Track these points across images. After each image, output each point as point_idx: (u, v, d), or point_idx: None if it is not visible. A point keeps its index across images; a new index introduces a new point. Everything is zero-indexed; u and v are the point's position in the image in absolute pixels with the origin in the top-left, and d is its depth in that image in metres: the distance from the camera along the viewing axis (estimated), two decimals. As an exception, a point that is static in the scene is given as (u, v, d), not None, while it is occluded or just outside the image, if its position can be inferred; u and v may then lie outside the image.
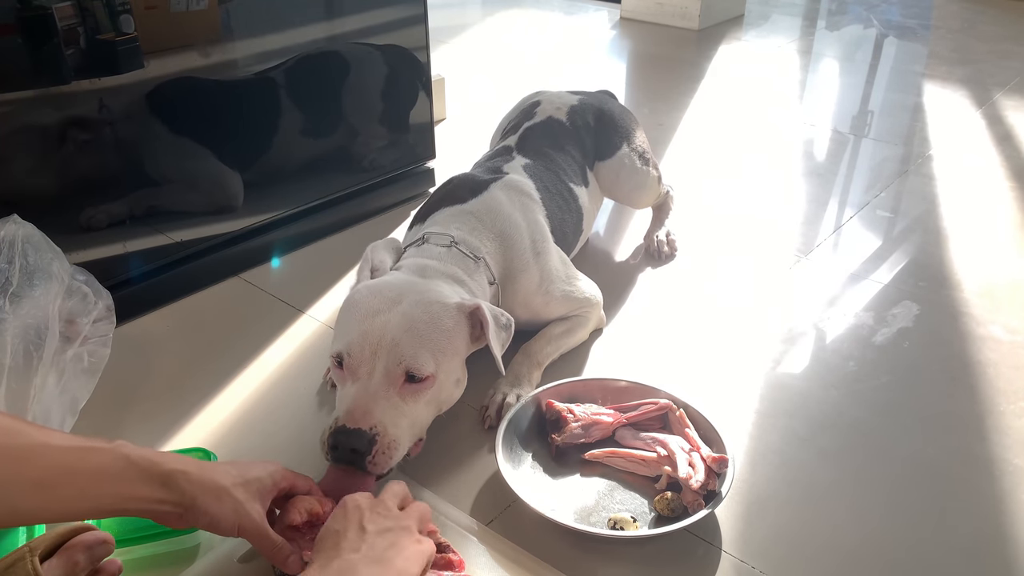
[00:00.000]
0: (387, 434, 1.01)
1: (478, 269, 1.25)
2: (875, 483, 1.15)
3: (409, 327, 1.06)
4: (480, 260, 1.26)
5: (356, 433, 0.99)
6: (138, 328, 1.47)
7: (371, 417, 1.01)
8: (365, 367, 1.04)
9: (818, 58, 3.13)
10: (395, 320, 1.06)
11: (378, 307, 1.08)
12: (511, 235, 1.33)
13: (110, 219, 1.44)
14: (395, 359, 1.04)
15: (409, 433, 1.05)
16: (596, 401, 1.24)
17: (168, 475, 0.80)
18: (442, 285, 1.16)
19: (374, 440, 1.00)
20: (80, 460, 0.76)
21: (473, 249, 1.26)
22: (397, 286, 1.12)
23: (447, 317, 1.10)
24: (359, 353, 1.04)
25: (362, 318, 1.07)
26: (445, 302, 1.11)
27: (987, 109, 2.54)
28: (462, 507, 1.10)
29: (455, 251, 1.24)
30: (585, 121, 1.65)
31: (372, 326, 1.05)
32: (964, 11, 3.72)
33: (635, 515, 1.06)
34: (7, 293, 1.11)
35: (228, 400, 1.30)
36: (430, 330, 1.07)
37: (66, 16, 1.27)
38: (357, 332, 1.06)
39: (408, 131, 1.92)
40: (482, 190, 1.37)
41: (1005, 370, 1.37)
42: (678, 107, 2.57)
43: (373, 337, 1.05)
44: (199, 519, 0.83)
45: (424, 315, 1.08)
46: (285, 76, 1.62)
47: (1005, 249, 1.77)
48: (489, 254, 1.29)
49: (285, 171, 1.71)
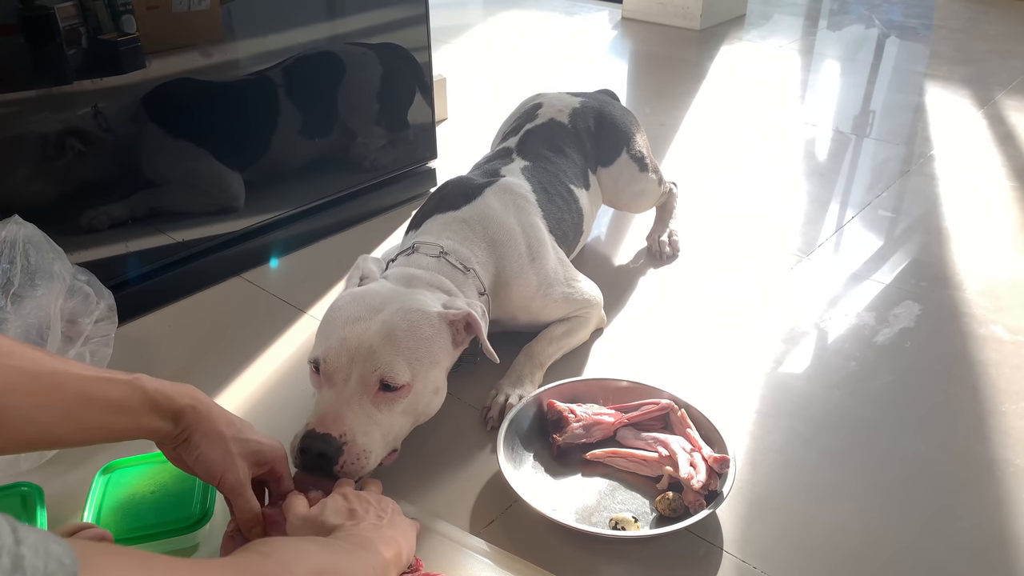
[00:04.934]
0: (356, 443, 1.01)
1: (467, 280, 1.25)
2: (876, 483, 1.15)
3: (387, 335, 1.05)
4: (470, 272, 1.25)
5: (324, 438, 0.99)
6: (140, 328, 1.48)
7: (342, 423, 1.00)
8: (341, 373, 1.04)
9: (820, 58, 3.13)
10: (374, 328, 1.06)
11: (358, 314, 1.07)
12: (504, 242, 1.32)
13: (111, 220, 1.44)
14: (370, 367, 1.03)
15: (382, 443, 1.05)
16: (597, 401, 1.24)
17: (180, 410, 0.86)
18: (425, 294, 1.15)
19: (341, 449, 1.00)
20: (102, 391, 0.80)
21: (463, 260, 1.26)
22: (380, 294, 1.12)
23: (427, 325, 1.09)
24: (335, 360, 1.04)
25: (341, 325, 1.07)
26: (426, 310, 1.10)
27: (989, 109, 2.54)
28: (463, 507, 1.10)
29: (443, 262, 1.24)
30: (586, 124, 1.64)
31: (351, 333, 1.05)
32: (966, 11, 3.71)
33: (636, 515, 1.06)
34: (8, 293, 1.11)
35: (229, 400, 1.30)
36: (408, 338, 1.07)
37: (68, 16, 1.27)
38: (336, 338, 1.06)
39: (409, 131, 1.92)
40: (476, 196, 1.36)
41: (1007, 370, 1.37)
42: (679, 107, 2.57)
43: (351, 344, 1.04)
44: (190, 453, 0.88)
45: (403, 323, 1.07)
46: (286, 76, 1.62)
47: (1007, 249, 1.77)
48: (480, 264, 1.28)
49: (286, 171, 1.71)
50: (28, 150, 1.31)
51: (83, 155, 1.36)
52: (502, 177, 1.42)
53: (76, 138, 1.35)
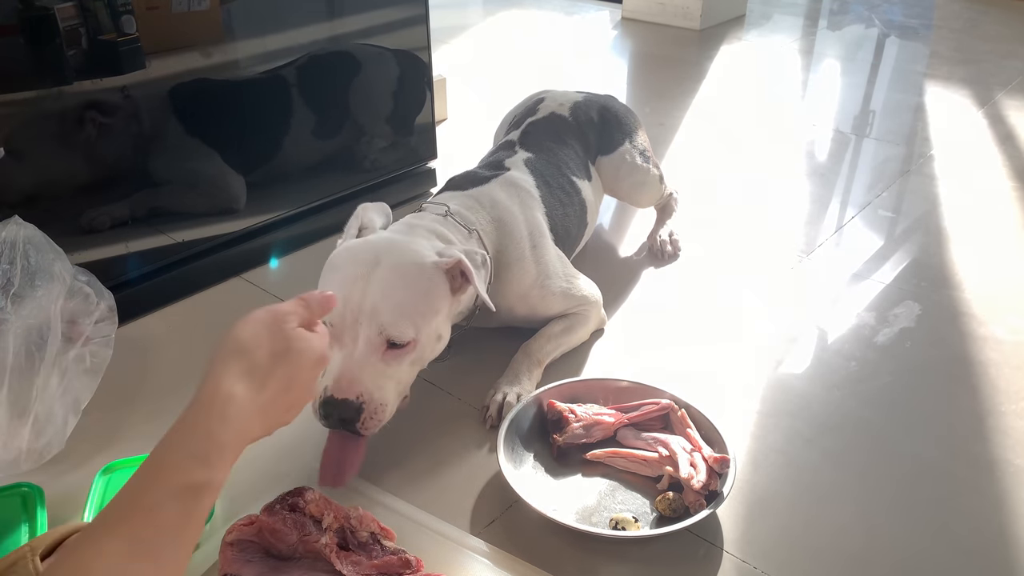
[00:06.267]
0: (373, 400, 1.05)
1: (470, 241, 1.27)
2: (877, 483, 1.15)
3: (387, 293, 1.08)
4: (474, 232, 1.28)
5: (343, 404, 1.04)
6: (140, 328, 1.48)
7: (357, 385, 1.04)
8: (349, 334, 1.07)
9: (820, 58, 3.13)
10: (373, 287, 1.08)
11: (356, 273, 1.09)
12: (508, 223, 1.34)
13: (113, 220, 1.44)
14: (376, 328, 1.06)
15: (395, 392, 1.10)
16: (598, 401, 1.24)
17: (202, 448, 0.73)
18: (421, 242, 1.17)
19: (361, 408, 1.04)
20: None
21: (468, 222, 1.29)
22: (375, 247, 1.13)
23: (423, 279, 1.11)
24: (341, 321, 1.07)
25: (341, 284, 1.09)
26: (421, 263, 1.12)
27: (989, 109, 2.54)
28: (463, 507, 1.10)
29: (450, 220, 1.27)
30: (588, 117, 1.67)
31: (352, 293, 1.07)
32: (966, 11, 3.71)
33: (637, 515, 1.06)
34: (9, 294, 1.11)
35: (230, 400, 1.30)
36: (408, 296, 1.09)
37: (68, 17, 1.27)
38: (339, 300, 1.06)
39: (409, 131, 1.92)
40: (483, 183, 1.39)
41: (1007, 370, 1.37)
42: (679, 107, 2.57)
43: (353, 304, 1.07)
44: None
45: (400, 280, 1.09)
46: (286, 77, 1.62)
47: (1007, 249, 1.77)
48: (484, 232, 1.30)
49: (287, 171, 1.71)
50: (28, 151, 1.31)
51: (82, 156, 1.37)
52: (507, 170, 1.44)
53: (75, 139, 1.35)
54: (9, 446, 1.08)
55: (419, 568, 0.93)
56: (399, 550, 0.96)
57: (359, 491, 1.09)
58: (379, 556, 0.94)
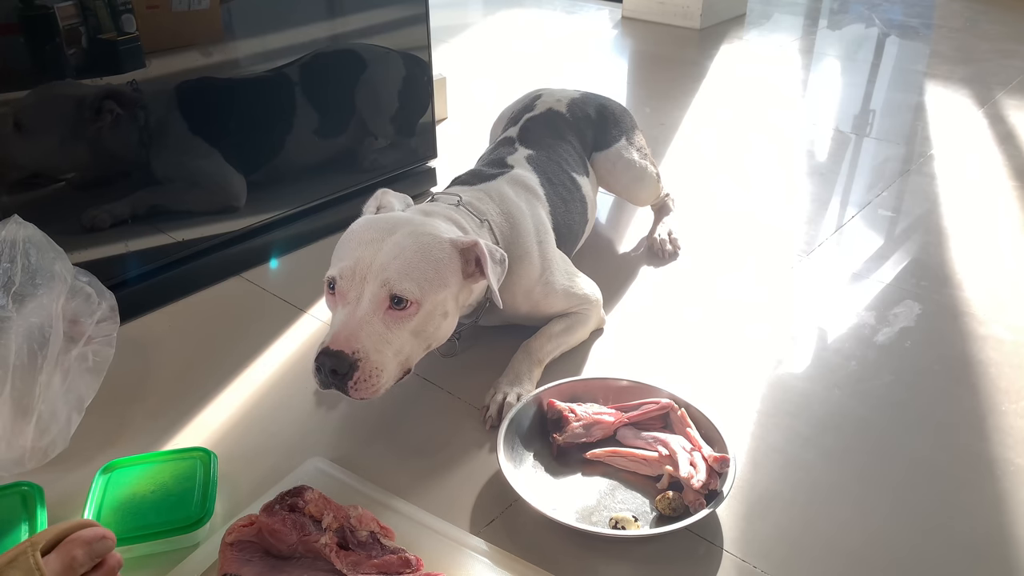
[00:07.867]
0: (369, 359, 1.05)
1: (482, 229, 1.29)
2: (877, 482, 1.15)
3: (398, 254, 1.09)
4: (485, 222, 1.30)
5: (337, 355, 1.03)
6: (140, 327, 1.48)
7: (355, 341, 1.04)
8: (354, 291, 1.08)
9: (820, 57, 3.13)
10: (386, 248, 1.10)
11: (372, 237, 1.12)
12: (517, 217, 1.36)
13: (113, 219, 1.44)
14: (379, 282, 1.07)
15: (394, 361, 1.09)
16: (597, 400, 1.24)
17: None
18: (440, 222, 1.19)
19: (356, 365, 1.04)
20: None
21: (479, 212, 1.30)
22: (395, 219, 1.17)
23: (437, 249, 1.13)
24: (349, 277, 1.08)
25: (355, 246, 1.11)
26: (438, 235, 1.14)
27: (989, 108, 2.54)
28: (463, 506, 1.10)
29: (463, 209, 1.29)
30: (585, 113, 1.68)
31: (364, 253, 1.10)
32: (966, 10, 3.71)
33: (637, 514, 1.06)
34: (10, 292, 1.11)
35: (230, 399, 1.30)
36: (418, 258, 1.10)
37: (68, 16, 1.27)
38: (350, 258, 1.10)
39: (410, 131, 1.92)
40: (490, 180, 1.41)
41: (1007, 369, 1.37)
42: (680, 106, 2.57)
43: (364, 263, 1.09)
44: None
45: (414, 244, 1.11)
46: (286, 76, 1.63)
47: (1007, 248, 1.77)
48: (495, 223, 1.32)
49: (287, 171, 1.71)
50: (27, 152, 1.31)
51: (82, 156, 1.37)
52: (511, 168, 1.46)
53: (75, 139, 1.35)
54: (13, 444, 1.08)
55: (419, 567, 0.94)
56: (399, 549, 0.96)
57: (359, 491, 1.09)
58: (379, 555, 0.94)
